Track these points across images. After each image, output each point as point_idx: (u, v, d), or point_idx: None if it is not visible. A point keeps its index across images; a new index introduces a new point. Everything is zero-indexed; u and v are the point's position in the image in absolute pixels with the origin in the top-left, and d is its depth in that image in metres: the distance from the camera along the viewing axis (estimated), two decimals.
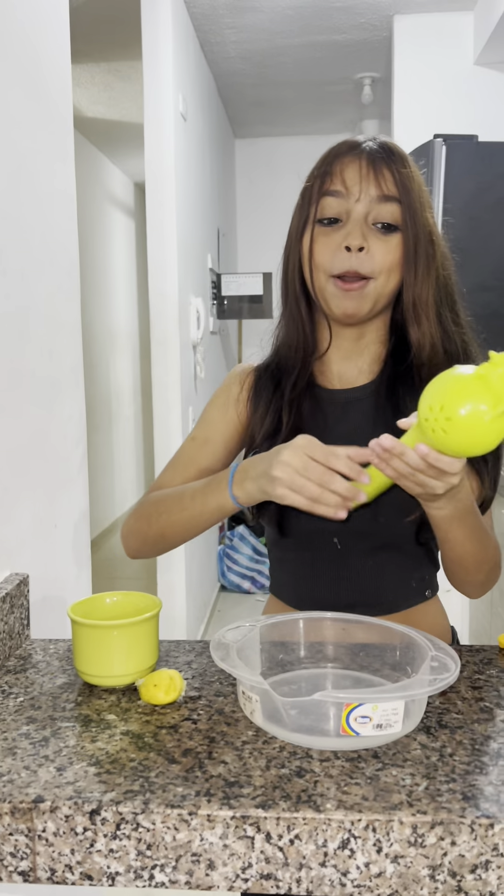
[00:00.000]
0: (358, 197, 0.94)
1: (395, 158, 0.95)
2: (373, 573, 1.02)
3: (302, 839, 0.61)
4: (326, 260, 0.95)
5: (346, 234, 0.94)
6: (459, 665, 0.74)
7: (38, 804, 0.63)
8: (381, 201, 0.94)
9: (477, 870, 0.61)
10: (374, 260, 0.94)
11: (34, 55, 1.16)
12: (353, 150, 0.96)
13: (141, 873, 0.63)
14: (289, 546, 1.04)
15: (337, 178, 0.95)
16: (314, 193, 0.97)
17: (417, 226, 0.95)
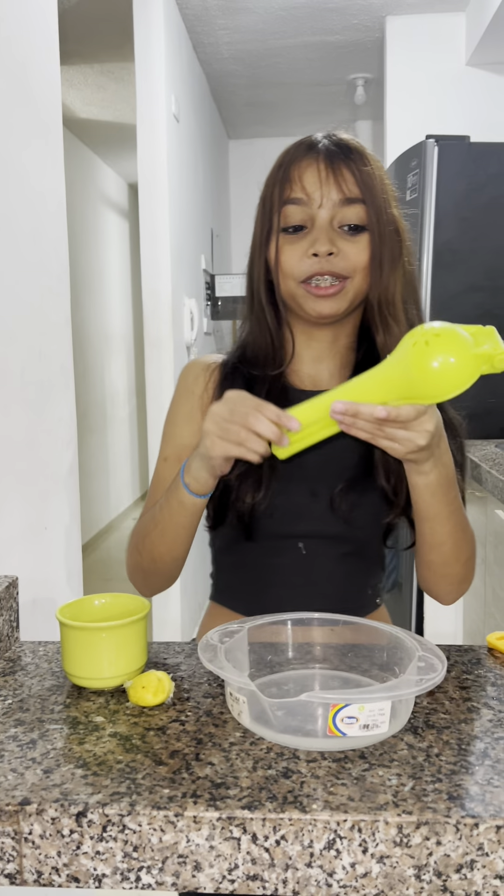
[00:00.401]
0: (320, 203, 0.92)
1: (353, 156, 0.93)
2: (336, 578, 1.02)
3: (288, 840, 0.61)
4: (294, 266, 0.93)
5: (312, 240, 0.92)
6: (446, 665, 0.74)
7: (24, 806, 0.63)
8: (345, 204, 0.92)
9: (462, 869, 0.61)
10: (347, 260, 0.92)
11: (22, 58, 1.16)
12: (310, 151, 0.94)
13: (127, 875, 0.63)
14: (250, 551, 1.01)
15: (297, 185, 0.93)
16: (275, 202, 0.94)
17: (382, 224, 0.93)
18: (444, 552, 0.93)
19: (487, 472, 2.10)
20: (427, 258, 2.66)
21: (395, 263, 0.95)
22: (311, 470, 0.98)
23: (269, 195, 0.96)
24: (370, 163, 0.94)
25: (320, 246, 0.91)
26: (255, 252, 0.99)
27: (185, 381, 1.03)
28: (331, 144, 0.94)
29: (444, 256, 2.65)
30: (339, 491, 0.97)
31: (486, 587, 2.28)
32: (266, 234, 0.96)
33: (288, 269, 0.94)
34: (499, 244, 2.66)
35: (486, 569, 2.29)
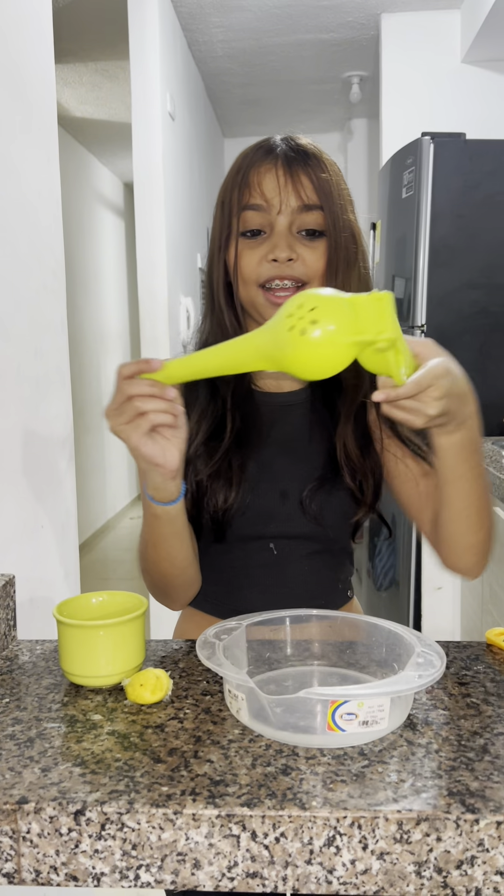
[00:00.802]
0: (279, 209, 0.92)
1: (311, 162, 0.93)
2: (307, 577, 1.03)
3: (288, 837, 0.61)
4: (253, 271, 0.94)
5: (272, 246, 0.93)
6: (445, 661, 0.74)
7: (22, 805, 0.62)
8: (303, 211, 0.93)
9: (463, 865, 0.60)
10: (306, 266, 0.93)
11: (16, 55, 1.16)
12: (269, 155, 0.94)
13: (126, 873, 0.63)
14: (222, 553, 1.01)
15: (255, 191, 0.93)
16: (234, 207, 0.95)
17: (339, 230, 0.94)
18: (469, 516, 0.88)
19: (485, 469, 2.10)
20: (423, 255, 2.66)
21: (350, 268, 0.96)
22: (281, 472, 1.00)
23: (227, 199, 0.96)
24: (327, 169, 0.94)
25: (280, 252, 0.92)
26: (214, 255, 0.99)
27: None
28: (289, 150, 0.94)
29: (440, 254, 2.65)
30: (309, 492, 0.98)
31: (484, 584, 2.28)
32: (225, 237, 0.96)
33: (247, 274, 0.95)
34: (495, 241, 2.66)
35: None
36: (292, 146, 0.94)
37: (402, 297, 2.79)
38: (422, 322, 2.66)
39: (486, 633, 0.93)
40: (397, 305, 3.16)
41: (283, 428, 1.02)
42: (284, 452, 1.01)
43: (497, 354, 2.68)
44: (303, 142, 0.96)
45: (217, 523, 0.97)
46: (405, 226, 2.77)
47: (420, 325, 2.67)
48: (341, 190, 0.96)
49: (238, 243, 0.95)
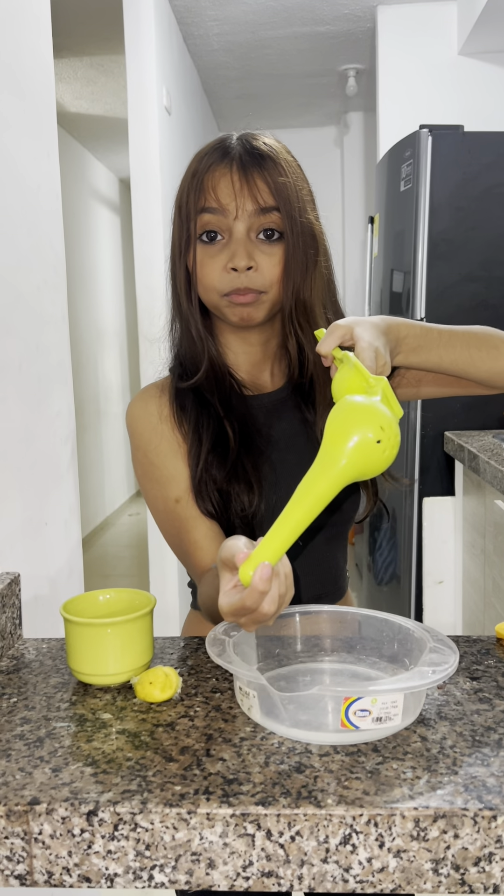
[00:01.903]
0: (236, 214, 0.91)
1: (266, 164, 0.92)
2: (329, 563, 1.07)
3: (303, 836, 0.60)
4: (215, 280, 0.93)
5: (230, 254, 0.92)
6: (458, 656, 0.73)
7: (33, 806, 0.62)
8: (260, 214, 0.92)
9: (480, 862, 0.60)
10: (263, 275, 0.93)
11: (15, 49, 1.14)
12: (224, 158, 0.92)
13: (140, 874, 0.62)
14: None
15: (210, 195, 0.92)
16: (191, 210, 0.94)
17: (297, 233, 0.93)
18: (480, 362, 0.97)
19: (486, 463, 2.10)
20: (422, 249, 2.65)
21: (309, 270, 0.95)
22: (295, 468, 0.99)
23: (184, 203, 0.95)
24: (285, 171, 0.93)
25: (238, 260, 0.91)
26: (176, 259, 0.98)
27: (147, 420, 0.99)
28: (244, 152, 0.93)
29: (439, 247, 2.64)
30: None
31: (486, 577, 2.28)
32: (185, 242, 0.95)
33: (209, 283, 0.94)
34: (494, 234, 2.65)
35: (485, 559, 2.28)
36: (248, 148, 0.93)
37: (402, 290, 2.78)
38: (421, 315, 2.65)
39: (496, 627, 0.92)
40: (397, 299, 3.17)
41: (280, 426, 1.02)
42: (290, 449, 1.02)
43: None
44: (259, 143, 0.94)
45: (249, 526, 0.96)
46: (404, 219, 2.76)
47: (420, 318, 2.66)
48: (299, 191, 0.94)
49: (197, 248, 0.94)
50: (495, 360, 0.97)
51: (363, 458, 0.70)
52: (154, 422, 0.98)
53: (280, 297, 0.95)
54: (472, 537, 2.45)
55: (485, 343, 0.97)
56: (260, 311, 0.95)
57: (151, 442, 0.98)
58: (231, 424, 0.98)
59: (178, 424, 0.98)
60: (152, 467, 0.97)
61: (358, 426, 0.70)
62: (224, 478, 0.95)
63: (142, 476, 0.99)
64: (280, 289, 0.94)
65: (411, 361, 0.94)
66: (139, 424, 0.99)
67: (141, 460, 0.99)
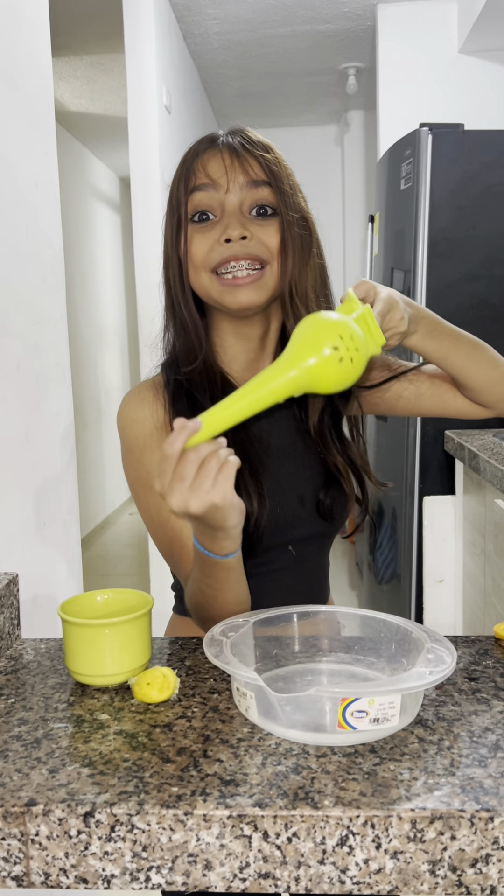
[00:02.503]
0: (227, 188, 0.90)
1: (256, 145, 0.92)
2: (319, 570, 1.07)
3: (300, 837, 0.60)
4: (205, 256, 0.90)
5: (224, 226, 0.89)
6: (456, 657, 0.73)
7: (30, 807, 0.62)
8: (252, 187, 0.90)
9: (477, 864, 0.60)
10: (262, 243, 0.90)
11: (13, 47, 1.14)
12: (212, 144, 0.92)
13: (137, 875, 0.62)
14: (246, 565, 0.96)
15: (201, 174, 0.91)
16: (181, 194, 0.92)
17: (290, 209, 0.92)
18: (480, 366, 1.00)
19: (486, 462, 2.09)
20: (422, 247, 2.64)
21: (305, 254, 0.94)
22: (292, 477, 1.00)
23: (175, 193, 0.93)
24: (273, 151, 0.93)
25: (232, 230, 0.89)
26: (168, 252, 0.95)
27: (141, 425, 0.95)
28: (233, 137, 0.93)
29: (439, 245, 2.64)
30: (323, 493, 1.01)
31: (486, 577, 2.28)
32: (176, 229, 0.93)
33: (199, 260, 0.91)
34: (494, 232, 2.64)
35: (485, 558, 2.28)
36: (238, 135, 0.93)
37: (402, 289, 2.78)
38: None
39: (495, 628, 0.92)
40: None
41: (278, 433, 1.01)
42: (287, 458, 1.01)
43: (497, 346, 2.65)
44: (248, 131, 0.94)
45: (249, 539, 0.93)
46: (404, 218, 2.76)
47: None
48: (289, 174, 0.94)
49: (188, 231, 0.92)
50: (492, 369, 1.02)
51: (318, 367, 0.75)
52: (149, 427, 0.95)
53: (280, 273, 0.92)
54: (473, 536, 2.45)
55: (484, 351, 1.02)
56: (260, 292, 0.91)
57: (146, 448, 0.94)
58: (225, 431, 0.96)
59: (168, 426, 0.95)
60: (147, 475, 0.94)
61: (319, 334, 0.75)
62: None
63: (134, 481, 0.96)
64: (279, 265, 0.92)
65: (426, 345, 0.95)
66: (133, 428, 0.95)
67: (133, 465, 0.96)
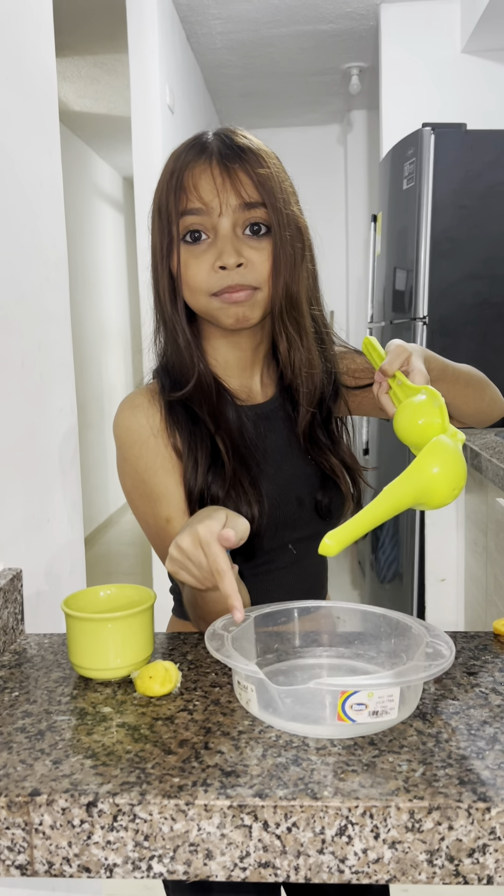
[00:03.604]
0: (220, 211, 0.89)
1: (248, 157, 0.89)
2: (318, 568, 1.08)
3: (299, 827, 0.61)
4: (203, 281, 0.90)
5: (218, 252, 0.89)
6: (454, 651, 0.74)
7: (34, 797, 0.63)
8: (245, 209, 0.89)
9: (474, 854, 0.61)
10: (255, 270, 0.90)
11: (17, 47, 1.15)
12: (202, 155, 0.90)
13: (139, 864, 0.63)
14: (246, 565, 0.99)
15: (192, 195, 0.89)
16: (172, 213, 0.90)
17: (283, 226, 0.91)
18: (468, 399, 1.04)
19: (488, 461, 2.10)
20: (425, 247, 2.65)
21: (297, 264, 0.93)
22: (291, 479, 1.01)
23: (164, 205, 0.92)
24: (266, 163, 0.90)
25: (227, 258, 0.88)
26: (158, 264, 0.95)
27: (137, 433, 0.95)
28: (223, 146, 0.90)
29: (441, 245, 2.64)
30: (321, 494, 1.02)
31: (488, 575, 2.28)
32: (167, 245, 0.92)
33: (196, 285, 0.91)
34: (497, 232, 2.65)
35: (487, 556, 2.29)
36: (226, 143, 0.90)
37: (404, 288, 2.79)
38: (423, 314, 2.66)
39: (494, 623, 0.93)
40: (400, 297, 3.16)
41: (274, 437, 1.02)
42: (285, 461, 1.01)
43: (499, 345, 2.67)
44: (237, 137, 0.91)
45: (249, 543, 0.93)
46: (406, 217, 2.77)
47: (422, 316, 2.66)
48: (283, 183, 0.92)
49: (181, 250, 0.91)
50: (480, 400, 1.05)
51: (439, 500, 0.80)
52: (145, 435, 0.94)
53: (271, 293, 0.93)
54: (475, 535, 2.45)
55: (476, 383, 1.04)
56: (255, 310, 0.93)
57: (142, 457, 0.94)
58: (223, 440, 0.95)
59: (171, 437, 0.95)
60: (143, 484, 0.94)
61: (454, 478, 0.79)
62: (224, 496, 0.93)
63: (131, 490, 0.96)
64: (271, 285, 0.92)
65: None
66: (128, 437, 0.95)
67: (130, 473, 0.96)
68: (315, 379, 0.99)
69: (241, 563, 0.97)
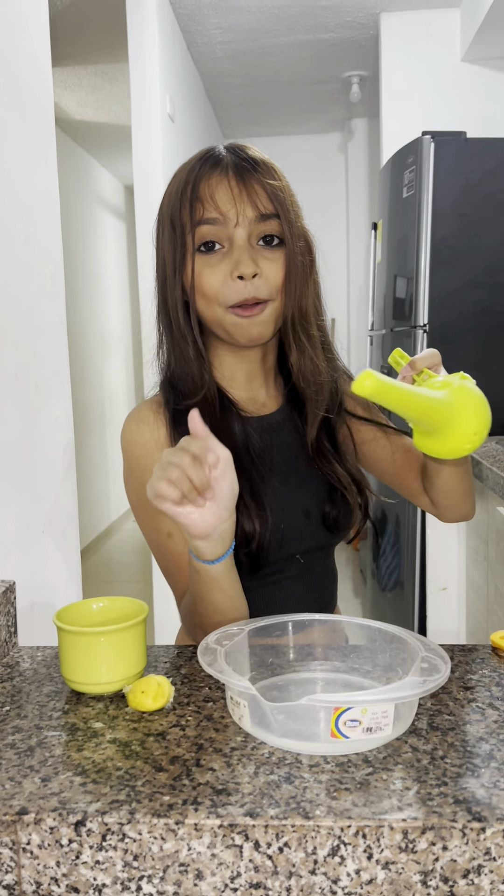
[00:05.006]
0: (236, 221, 0.89)
1: (261, 170, 0.91)
2: (327, 577, 1.08)
3: (291, 847, 0.60)
4: (218, 291, 0.90)
5: (235, 262, 0.89)
6: (450, 666, 0.73)
7: (22, 816, 0.62)
8: (261, 220, 0.90)
9: (469, 875, 0.59)
10: (269, 282, 0.91)
11: (13, 57, 1.15)
12: (217, 167, 0.90)
13: (128, 885, 0.62)
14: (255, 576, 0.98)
15: (209, 205, 0.89)
16: (186, 223, 0.90)
17: (295, 238, 0.92)
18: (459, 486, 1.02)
19: (488, 469, 2.09)
20: (425, 255, 2.65)
21: (307, 276, 0.95)
22: (298, 492, 1.01)
23: (178, 216, 0.92)
24: (278, 176, 0.92)
25: (244, 268, 0.89)
26: (169, 276, 0.94)
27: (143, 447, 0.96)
28: (237, 159, 0.91)
29: (442, 253, 2.64)
30: (329, 506, 1.01)
31: (489, 585, 2.27)
32: (181, 256, 0.92)
33: (212, 294, 0.91)
34: (497, 240, 2.65)
35: (488, 566, 2.27)
36: (240, 156, 0.91)
37: (405, 296, 2.78)
38: (424, 322, 2.65)
39: (492, 636, 0.92)
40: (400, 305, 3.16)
41: (281, 448, 1.01)
42: (292, 473, 1.01)
43: (500, 354, 2.66)
44: (250, 151, 0.93)
45: (252, 558, 0.94)
46: (406, 225, 2.76)
47: (422, 324, 2.66)
48: (292, 197, 0.94)
49: (195, 260, 0.91)
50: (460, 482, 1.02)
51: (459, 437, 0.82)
52: (150, 448, 0.95)
53: (283, 306, 0.94)
54: (476, 544, 2.44)
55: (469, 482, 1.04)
56: (269, 326, 0.93)
57: (147, 470, 0.94)
58: None
59: None
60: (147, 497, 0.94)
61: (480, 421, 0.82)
62: None
63: (135, 503, 0.96)
64: (283, 297, 0.93)
65: None
66: (134, 450, 0.96)
67: (135, 486, 0.96)
68: (323, 386, 1.00)
69: (247, 575, 0.96)
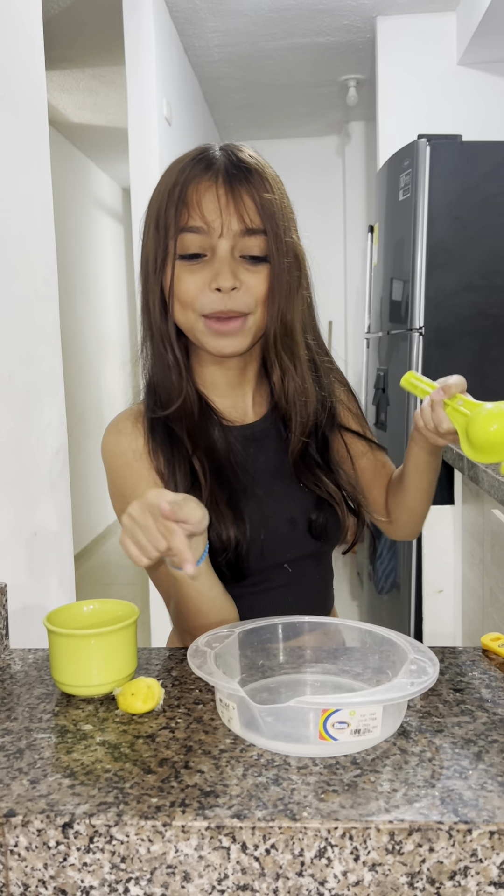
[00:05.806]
0: (221, 233, 0.87)
1: (254, 179, 0.88)
2: (319, 585, 1.06)
3: (278, 849, 0.60)
4: (195, 298, 0.89)
5: (214, 273, 0.88)
6: (438, 668, 0.73)
7: (9, 818, 0.62)
8: (246, 234, 0.88)
9: (456, 876, 0.60)
10: (248, 295, 0.89)
11: (6, 61, 1.15)
12: (208, 171, 0.88)
13: (115, 887, 0.62)
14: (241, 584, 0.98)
15: (195, 212, 0.87)
16: (170, 227, 0.88)
17: (281, 255, 0.90)
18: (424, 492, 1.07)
19: (484, 472, 2.09)
20: (421, 258, 2.65)
21: (293, 293, 0.93)
22: (283, 500, 1.00)
23: (163, 217, 0.90)
24: (271, 187, 0.89)
25: (223, 281, 0.87)
26: (149, 277, 0.93)
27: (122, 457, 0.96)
28: (230, 164, 0.88)
29: (437, 256, 2.65)
30: (316, 515, 1.00)
31: (485, 587, 2.27)
32: (162, 259, 0.91)
33: (188, 300, 0.90)
34: (493, 243, 2.65)
35: (483, 569, 2.27)
36: (233, 160, 0.89)
37: (401, 299, 2.79)
38: (420, 324, 2.66)
39: (482, 639, 0.92)
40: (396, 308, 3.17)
41: (265, 457, 1.00)
42: (276, 480, 1.00)
43: (496, 356, 2.67)
44: (244, 155, 0.90)
45: (232, 566, 0.93)
46: (403, 228, 2.77)
47: (418, 327, 2.66)
48: (284, 209, 0.91)
49: (175, 266, 0.90)
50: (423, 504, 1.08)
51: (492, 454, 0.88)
52: (128, 458, 0.95)
53: (264, 321, 0.92)
54: (471, 546, 2.44)
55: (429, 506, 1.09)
56: (245, 339, 0.92)
57: (127, 480, 0.95)
58: (200, 461, 0.94)
59: (154, 461, 0.95)
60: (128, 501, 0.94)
61: None
62: None
63: (119, 511, 0.95)
64: (264, 312, 0.91)
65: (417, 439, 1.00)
66: (113, 461, 0.97)
67: (117, 496, 0.97)
68: (309, 408, 0.99)
69: (233, 584, 0.96)
